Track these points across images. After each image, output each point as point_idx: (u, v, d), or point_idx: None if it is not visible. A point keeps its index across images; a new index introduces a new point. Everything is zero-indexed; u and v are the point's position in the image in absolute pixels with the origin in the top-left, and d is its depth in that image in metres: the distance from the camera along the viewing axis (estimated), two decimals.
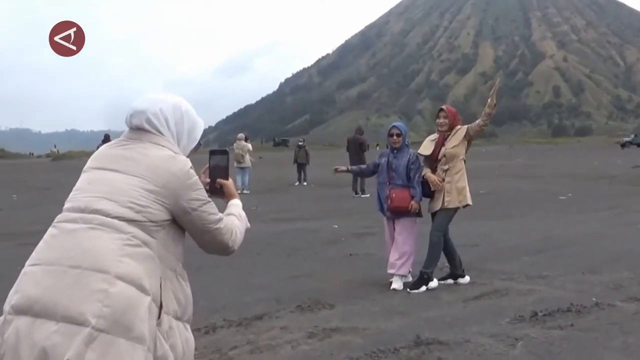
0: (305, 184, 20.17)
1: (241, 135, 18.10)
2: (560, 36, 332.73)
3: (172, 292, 1.86)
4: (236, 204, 2.15)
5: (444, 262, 5.74)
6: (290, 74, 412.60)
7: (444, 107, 5.71)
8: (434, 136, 5.71)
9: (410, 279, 5.60)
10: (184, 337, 1.89)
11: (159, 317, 1.77)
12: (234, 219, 2.06)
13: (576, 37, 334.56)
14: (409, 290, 5.35)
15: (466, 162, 5.60)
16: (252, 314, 4.63)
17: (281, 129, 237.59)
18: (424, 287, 5.38)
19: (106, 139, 15.90)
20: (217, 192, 2.16)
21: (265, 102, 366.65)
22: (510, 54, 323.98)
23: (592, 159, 34.16)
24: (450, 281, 5.65)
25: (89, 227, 1.76)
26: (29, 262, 1.77)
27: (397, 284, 5.48)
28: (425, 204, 5.64)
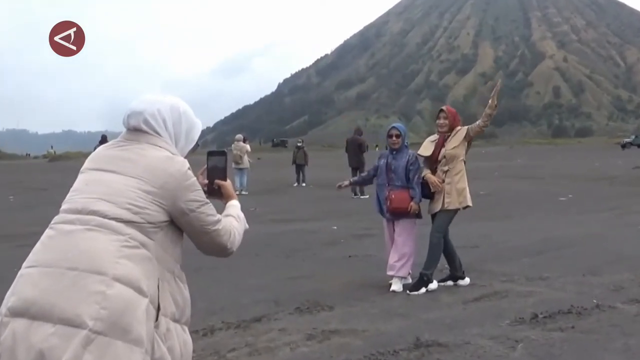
0: (304, 185, 20.10)
1: (239, 136, 18.08)
2: (560, 36, 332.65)
3: (170, 294, 1.84)
4: (234, 205, 2.14)
5: (443, 264, 5.72)
6: (288, 75, 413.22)
7: (444, 107, 5.70)
8: (434, 137, 5.69)
9: (409, 280, 5.58)
10: (181, 339, 1.88)
11: (156, 319, 1.76)
12: (232, 220, 2.05)
13: (576, 37, 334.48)
14: (408, 292, 5.33)
15: (466, 163, 5.58)
16: (251, 316, 4.61)
17: (280, 130, 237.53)
18: (423, 289, 5.37)
19: (103, 139, 15.85)
20: (215, 193, 2.15)
21: (263, 102, 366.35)
22: (510, 54, 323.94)
23: (592, 159, 34.19)
24: (450, 283, 5.63)
25: (86, 229, 1.75)
26: (25, 264, 1.76)
27: (396, 286, 5.46)
28: (425, 205, 5.62)
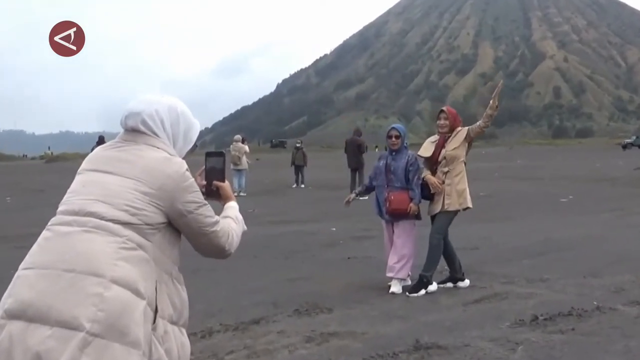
0: (302, 186, 20.04)
1: (238, 136, 18.04)
2: (560, 36, 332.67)
3: (168, 296, 1.84)
4: (233, 207, 2.14)
5: (443, 266, 5.70)
6: (287, 75, 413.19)
7: (444, 108, 5.68)
8: (434, 138, 5.68)
9: (409, 282, 5.57)
10: (179, 341, 1.87)
11: (154, 322, 1.76)
12: (230, 222, 2.05)
13: (577, 38, 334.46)
14: (408, 294, 5.32)
15: (466, 165, 5.57)
16: (249, 318, 4.59)
17: (278, 131, 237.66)
18: (423, 291, 5.34)
19: (101, 140, 15.79)
20: (214, 194, 2.14)
21: (262, 103, 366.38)
22: (510, 54, 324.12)
23: (593, 160, 34.17)
24: (449, 285, 5.61)
25: (84, 230, 1.74)
26: (22, 266, 1.75)
27: (396, 288, 5.44)
28: (424, 207, 5.60)
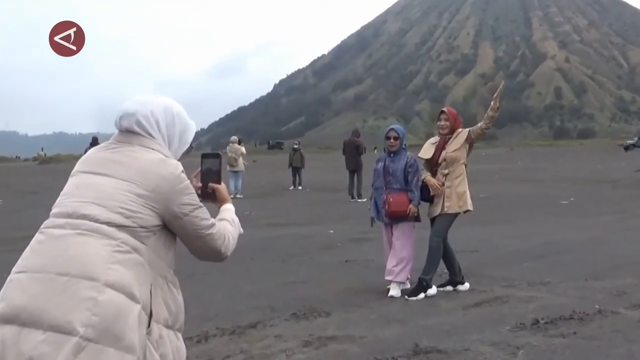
0: (300, 188, 19.98)
1: (234, 138, 18.04)
2: (561, 36, 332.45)
3: (163, 300, 1.83)
4: (229, 209, 2.12)
5: (443, 269, 5.66)
6: (284, 75, 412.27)
7: (445, 109, 5.65)
8: (435, 139, 5.64)
9: (408, 285, 5.53)
10: (174, 346, 1.86)
11: (148, 326, 1.74)
12: (226, 224, 2.04)
13: (578, 38, 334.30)
14: (407, 297, 5.28)
15: (467, 166, 5.53)
16: (246, 322, 4.56)
17: (276, 132, 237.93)
18: (422, 294, 5.30)
19: (94, 141, 15.79)
20: (209, 196, 2.13)
21: (259, 103, 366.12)
22: (510, 54, 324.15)
23: (594, 162, 34.22)
24: (449, 288, 5.57)
25: (77, 233, 1.72)
26: (15, 269, 1.74)
27: (395, 291, 5.40)
28: (424, 209, 5.57)
